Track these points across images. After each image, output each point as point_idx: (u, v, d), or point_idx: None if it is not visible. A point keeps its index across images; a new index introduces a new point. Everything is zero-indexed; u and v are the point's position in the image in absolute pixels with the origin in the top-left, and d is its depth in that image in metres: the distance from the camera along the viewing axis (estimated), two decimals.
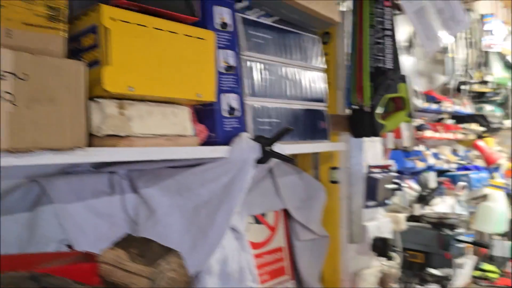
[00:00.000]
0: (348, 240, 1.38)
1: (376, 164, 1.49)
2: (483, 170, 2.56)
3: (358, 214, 1.39)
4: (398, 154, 1.96)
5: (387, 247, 1.38)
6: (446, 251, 1.53)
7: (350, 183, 1.39)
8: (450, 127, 2.43)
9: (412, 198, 1.91)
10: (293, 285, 1.37)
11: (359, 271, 1.41)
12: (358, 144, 1.41)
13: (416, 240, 1.67)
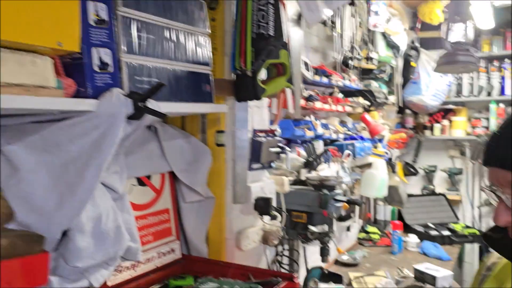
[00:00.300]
0: (233, 200, 1.45)
1: (262, 129, 1.56)
2: (367, 141, 2.81)
3: (242, 176, 1.46)
4: (288, 123, 2.07)
5: (269, 206, 1.47)
6: (324, 209, 1.67)
7: (235, 146, 1.44)
8: (339, 100, 2.61)
9: (300, 163, 2.03)
10: (178, 246, 1.40)
11: (243, 230, 1.49)
12: (244, 109, 1.47)
13: (300, 201, 1.79)
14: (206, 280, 1.21)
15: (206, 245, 1.46)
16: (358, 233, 3.35)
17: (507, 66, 3.63)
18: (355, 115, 3.05)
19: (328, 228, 1.73)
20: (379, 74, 3.17)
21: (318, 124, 2.32)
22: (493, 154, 0.74)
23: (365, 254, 2.92)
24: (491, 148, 0.75)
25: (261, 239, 1.54)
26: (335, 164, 2.40)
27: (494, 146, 0.75)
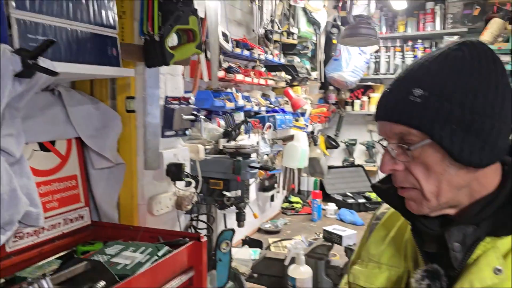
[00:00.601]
0: (144, 166, 1.45)
1: (175, 96, 1.56)
2: (289, 114, 2.91)
3: (154, 142, 1.47)
4: (208, 94, 2.09)
5: (181, 172, 1.50)
6: (238, 175, 1.74)
7: (146, 113, 1.44)
8: (261, 74, 2.67)
9: (219, 133, 2.07)
10: (87, 212, 1.39)
11: (155, 196, 1.50)
12: (155, 75, 1.46)
13: (217, 169, 1.84)
14: (113, 243, 1.22)
15: (117, 211, 1.46)
16: (282, 203, 3.50)
17: (419, 46, 3.91)
18: (279, 90, 3.14)
19: (242, 193, 1.80)
20: (302, 50, 3.28)
21: (239, 96, 2.36)
22: (381, 109, 0.80)
23: (286, 222, 3.07)
24: (381, 104, 0.81)
25: (175, 205, 1.57)
26: (256, 135, 2.47)
27: (383, 101, 0.80)
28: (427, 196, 0.76)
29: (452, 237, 0.75)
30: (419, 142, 0.73)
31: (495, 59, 0.74)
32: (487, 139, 0.72)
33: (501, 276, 0.70)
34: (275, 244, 2.34)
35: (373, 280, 0.89)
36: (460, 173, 0.74)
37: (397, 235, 0.91)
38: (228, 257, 1.60)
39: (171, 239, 1.27)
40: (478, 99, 0.71)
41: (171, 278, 1.16)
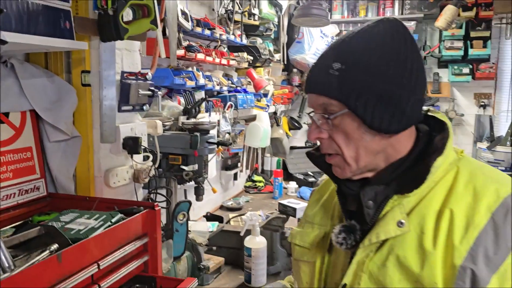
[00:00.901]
0: (101, 139, 1.48)
1: (131, 71, 1.59)
2: (250, 94, 2.98)
3: (110, 116, 1.50)
4: (167, 71, 2.12)
5: (137, 145, 1.54)
6: (195, 150, 1.79)
7: (102, 87, 1.47)
8: (223, 54, 2.71)
9: (179, 111, 2.12)
10: (43, 184, 1.42)
11: (112, 168, 1.54)
12: (110, 50, 1.48)
13: (176, 145, 1.89)
14: (68, 212, 1.26)
15: (73, 183, 1.49)
16: (245, 182, 3.59)
17: None
18: (242, 71, 3.19)
19: (200, 168, 1.86)
20: (265, 32, 3.33)
21: (200, 75, 2.40)
22: (308, 82, 0.87)
23: (248, 200, 3.17)
24: (307, 78, 0.88)
25: (132, 177, 1.61)
26: (217, 114, 2.53)
27: (309, 76, 0.87)
28: (348, 161, 0.84)
29: (365, 196, 0.84)
30: (338, 112, 0.81)
31: (406, 36, 0.82)
32: (397, 108, 0.80)
33: (403, 228, 0.79)
34: (234, 219, 2.42)
35: (306, 239, 0.98)
36: (375, 140, 0.82)
37: (328, 198, 1.00)
38: (185, 228, 1.67)
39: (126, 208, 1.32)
40: (389, 71, 0.79)
41: (125, 244, 1.21)
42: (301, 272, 0.97)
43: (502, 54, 4.04)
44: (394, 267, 0.78)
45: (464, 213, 0.76)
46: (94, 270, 1.08)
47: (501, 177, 0.83)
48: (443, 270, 0.74)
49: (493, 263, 0.72)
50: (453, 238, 0.75)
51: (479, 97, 4.19)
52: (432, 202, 0.80)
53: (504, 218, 0.74)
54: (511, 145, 3.71)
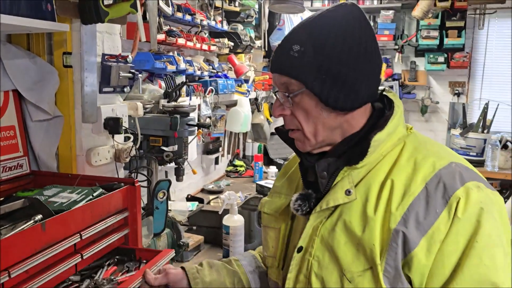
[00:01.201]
0: (82, 119, 1.54)
1: (112, 54, 1.64)
2: (231, 80, 3.03)
3: (92, 97, 1.55)
4: (148, 55, 2.16)
5: (118, 126, 1.60)
6: (175, 131, 1.86)
7: (83, 68, 1.51)
8: (204, 39, 2.75)
9: (160, 94, 2.17)
10: (26, 161, 1.47)
11: (93, 148, 1.60)
12: (91, 32, 1.53)
13: (157, 127, 1.95)
14: (51, 187, 1.32)
15: (55, 161, 1.54)
16: (226, 166, 3.67)
17: None
18: (223, 57, 3.24)
19: (180, 149, 1.92)
20: (246, 19, 3.37)
21: (181, 60, 2.45)
22: (273, 62, 0.94)
23: (229, 183, 3.24)
24: (272, 58, 0.95)
25: (113, 157, 1.67)
26: (198, 98, 2.58)
27: (273, 56, 0.93)
28: (307, 136, 0.92)
29: (319, 167, 0.93)
30: (297, 91, 0.89)
31: (362, 20, 0.89)
32: (351, 87, 0.87)
33: (350, 196, 0.88)
34: (214, 201, 2.50)
35: (273, 207, 1.07)
36: (332, 116, 0.90)
37: (294, 171, 1.09)
38: (165, 206, 1.74)
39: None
40: (344, 54, 0.86)
41: (106, 217, 1.28)
42: (268, 238, 1.06)
43: (476, 44, 4.18)
44: (341, 231, 0.87)
45: (403, 183, 0.84)
46: (77, 240, 1.15)
47: (441, 151, 0.91)
48: (381, 233, 0.82)
49: (423, 227, 0.80)
50: (391, 205, 0.83)
51: (453, 85, 4.33)
52: (378, 173, 0.88)
53: (436, 188, 0.82)
54: (482, 132, 3.87)
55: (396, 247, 0.80)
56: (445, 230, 0.79)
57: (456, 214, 0.79)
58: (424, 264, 0.79)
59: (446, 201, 0.80)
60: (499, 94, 4.27)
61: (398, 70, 4.51)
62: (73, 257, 1.15)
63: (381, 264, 0.81)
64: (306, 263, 0.90)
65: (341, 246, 0.86)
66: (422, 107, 4.43)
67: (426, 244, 0.79)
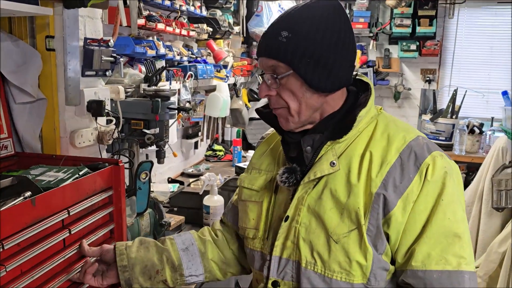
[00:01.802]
0: (66, 102, 1.58)
1: (94, 38, 1.68)
2: (210, 65, 3.08)
3: (75, 80, 1.58)
4: (128, 40, 2.19)
5: (101, 108, 1.64)
6: (156, 114, 1.91)
7: (66, 52, 1.55)
8: (184, 25, 2.79)
9: (140, 78, 2.21)
10: (10, 143, 1.50)
11: (77, 130, 1.64)
12: (73, 16, 1.56)
13: (138, 110, 1.99)
14: (37, 166, 1.36)
15: (39, 143, 1.58)
16: (206, 151, 3.73)
17: None
18: (202, 42, 3.27)
19: (161, 132, 1.98)
20: (224, 4, 3.41)
21: (161, 45, 2.48)
22: (260, 47, 1.02)
23: (208, 167, 3.32)
24: (260, 43, 1.03)
25: (96, 139, 1.72)
26: (177, 83, 2.63)
27: (261, 41, 1.01)
28: (292, 113, 1.02)
29: (305, 142, 1.04)
30: (285, 73, 0.98)
31: (341, 13, 1.00)
32: (332, 70, 0.98)
33: (335, 167, 0.99)
34: (194, 183, 2.57)
35: (254, 182, 1.15)
36: (314, 97, 1.01)
37: (274, 148, 1.18)
38: (147, 186, 1.80)
39: None
40: (325, 39, 0.97)
41: (92, 194, 1.34)
42: (248, 211, 1.14)
43: (446, 32, 4.34)
44: (327, 198, 0.98)
45: (380, 154, 0.97)
46: (65, 216, 1.21)
47: (408, 127, 1.06)
48: (364, 198, 0.95)
49: (399, 190, 0.93)
50: (372, 173, 0.96)
51: (425, 72, 4.49)
52: (357, 146, 1.01)
53: (409, 156, 0.96)
54: (450, 117, 4.05)
55: (378, 208, 0.93)
56: (417, 192, 0.93)
57: (426, 178, 0.93)
58: (401, 222, 0.93)
59: (417, 167, 0.94)
60: (468, 81, 4.46)
61: (372, 57, 4.64)
62: (61, 232, 1.20)
63: (365, 224, 0.94)
64: (293, 230, 1.01)
65: (327, 211, 0.97)
66: (395, 93, 4.59)
67: (402, 204, 0.93)
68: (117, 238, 1.47)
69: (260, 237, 1.11)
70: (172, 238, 1.28)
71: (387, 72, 4.47)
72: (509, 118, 3.98)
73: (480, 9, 4.42)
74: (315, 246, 0.98)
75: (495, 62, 4.50)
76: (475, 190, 2.98)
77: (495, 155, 2.83)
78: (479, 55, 4.50)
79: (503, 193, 2.59)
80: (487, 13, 4.45)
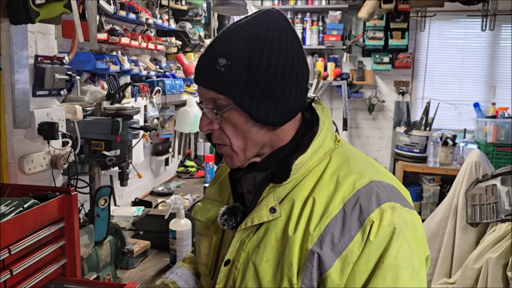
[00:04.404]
0: (14, 125, 1.45)
1: (47, 55, 1.56)
2: (180, 79, 2.99)
3: (24, 101, 1.46)
4: (89, 55, 2.08)
5: (54, 131, 1.52)
6: (117, 135, 1.80)
7: (13, 70, 1.43)
8: (151, 38, 2.69)
9: (102, 96, 2.09)
10: None
11: (27, 155, 1.51)
12: (22, 32, 1.44)
13: (98, 130, 1.88)
14: None
15: None
16: (177, 167, 3.61)
17: (308, 19, 4.19)
18: (172, 55, 3.18)
19: (123, 153, 1.87)
20: (194, 17, 3.33)
21: (125, 59, 2.37)
22: (197, 74, 0.87)
23: (179, 185, 3.20)
24: (196, 70, 0.88)
25: (49, 163, 1.59)
26: (144, 99, 2.52)
27: (197, 68, 0.87)
28: (236, 151, 0.89)
29: (245, 182, 0.91)
30: (226, 107, 0.85)
31: (287, 29, 0.87)
32: (280, 101, 0.85)
33: (275, 214, 0.85)
34: (163, 204, 2.46)
35: (205, 214, 1.04)
36: (262, 132, 0.88)
37: (225, 178, 1.05)
38: (107, 212, 1.68)
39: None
40: (270, 66, 0.83)
41: (40, 228, 1.21)
42: (201, 245, 1.03)
43: (418, 45, 4.37)
44: (265, 247, 0.85)
45: (323, 202, 0.83)
46: (5, 255, 1.08)
47: (364, 168, 0.88)
48: (299, 253, 0.81)
49: (337, 248, 0.79)
50: (310, 225, 0.81)
51: (398, 84, 4.51)
52: (302, 189, 0.86)
53: (353, 209, 0.81)
54: (424, 129, 4.06)
55: (312, 268, 0.80)
56: (358, 252, 0.79)
57: (369, 238, 0.79)
58: (338, 284, 0.79)
59: (360, 224, 0.80)
60: (440, 93, 4.50)
61: (346, 69, 4.63)
62: (1, 274, 1.08)
63: (297, 283, 0.80)
64: (232, 276, 0.88)
65: (262, 263, 0.84)
66: (369, 105, 4.58)
67: (340, 265, 0.79)
68: (70, 273, 1.34)
69: (207, 275, 1.01)
70: (175, 282, 1.12)
71: (361, 84, 4.47)
72: (481, 129, 4.02)
73: (451, 22, 4.49)
74: None
75: (466, 74, 4.57)
76: (449, 205, 2.96)
77: (468, 169, 2.82)
78: (450, 67, 4.56)
79: (477, 208, 2.57)
80: (458, 25, 4.52)
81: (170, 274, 1.17)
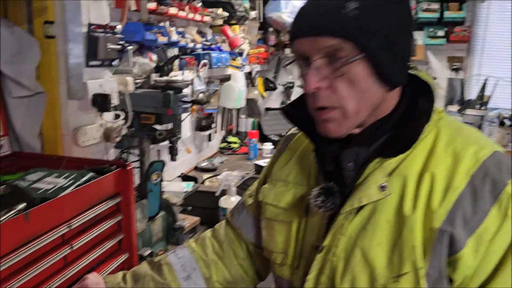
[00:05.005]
0: (68, 96, 1.41)
1: (99, 24, 1.50)
2: (225, 52, 2.89)
3: (77, 71, 1.41)
4: (139, 26, 2.01)
5: (107, 103, 1.47)
6: (168, 109, 1.74)
7: (67, 39, 1.37)
8: (197, 9, 2.59)
9: (151, 68, 2.03)
10: (7, 142, 1.35)
11: (80, 127, 1.48)
12: None
13: (148, 103, 1.82)
14: (35, 170, 1.20)
15: (39, 141, 1.42)
16: (220, 143, 3.56)
17: None
18: (217, 28, 3.08)
19: (174, 127, 1.81)
20: None
21: (173, 31, 2.30)
22: (307, 23, 0.75)
23: (223, 161, 3.15)
24: (305, 18, 0.76)
25: (102, 136, 1.55)
26: (191, 72, 2.45)
27: (309, 15, 0.75)
28: (349, 114, 0.76)
29: (346, 158, 0.81)
30: (355, 57, 0.73)
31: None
32: (405, 57, 0.77)
33: (386, 192, 0.76)
34: (209, 180, 2.41)
35: (280, 198, 0.93)
36: (380, 91, 0.76)
37: (302, 155, 0.95)
38: (159, 188, 1.64)
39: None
40: (402, 19, 0.76)
41: (97, 203, 1.18)
42: (274, 233, 0.94)
43: (477, 17, 4.06)
44: (375, 229, 0.77)
45: (444, 176, 0.75)
46: (65, 230, 1.05)
47: (480, 138, 0.81)
48: (422, 233, 0.73)
49: (470, 226, 0.72)
50: (433, 202, 0.73)
51: (451, 60, 4.23)
52: (413, 163, 0.78)
53: (483, 182, 0.73)
54: (479, 109, 3.80)
55: (441, 248, 0.72)
56: (495, 229, 0.71)
57: (507, 213, 0.71)
58: (470, 266, 0.72)
59: (495, 198, 0.72)
60: (499, 70, 4.18)
61: None
62: (61, 249, 1.05)
63: (424, 267, 0.73)
64: (329, 264, 0.80)
65: (373, 247, 0.76)
66: None
67: (474, 244, 0.71)
68: (126, 248, 1.31)
69: (289, 265, 0.91)
70: (170, 264, 1.05)
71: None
72: None
73: None
74: (356, 286, 0.77)
75: None
76: None
77: None
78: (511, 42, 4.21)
79: None
80: None
81: (171, 253, 1.09)
